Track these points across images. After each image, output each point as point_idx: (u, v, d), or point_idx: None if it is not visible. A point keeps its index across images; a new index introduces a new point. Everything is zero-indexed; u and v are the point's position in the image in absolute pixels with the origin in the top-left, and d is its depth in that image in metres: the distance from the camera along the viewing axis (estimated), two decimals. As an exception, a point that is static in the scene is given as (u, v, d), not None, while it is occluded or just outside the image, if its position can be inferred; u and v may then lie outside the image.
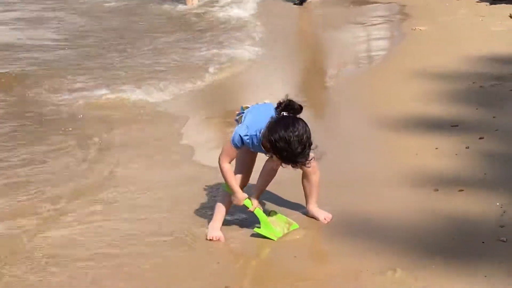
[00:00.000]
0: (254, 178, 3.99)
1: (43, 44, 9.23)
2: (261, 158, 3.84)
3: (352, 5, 10.26)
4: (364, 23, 9.13)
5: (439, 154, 4.74)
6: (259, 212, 3.86)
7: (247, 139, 3.63)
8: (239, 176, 3.85)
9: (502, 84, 6.09)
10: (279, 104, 3.47)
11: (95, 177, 5.15)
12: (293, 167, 3.55)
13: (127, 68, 8.01)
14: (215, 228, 3.85)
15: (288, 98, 3.51)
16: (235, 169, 3.87)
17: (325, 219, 3.88)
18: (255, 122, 3.61)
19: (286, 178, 4.00)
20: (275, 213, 3.94)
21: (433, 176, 4.36)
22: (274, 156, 3.50)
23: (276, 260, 3.75)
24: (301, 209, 4.04)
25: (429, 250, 3.45)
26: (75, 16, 11.37)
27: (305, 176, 3.89)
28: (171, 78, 7.49)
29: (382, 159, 4.92)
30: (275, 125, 3.41)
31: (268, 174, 3.90)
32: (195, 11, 10.97)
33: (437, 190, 4.10)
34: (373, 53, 8.04)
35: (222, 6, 11.32)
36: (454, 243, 3.45)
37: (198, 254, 3.74)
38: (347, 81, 7.41)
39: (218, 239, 3.80)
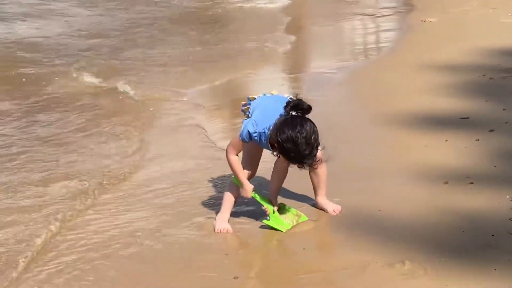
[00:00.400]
0: (259, 171, 4.03)
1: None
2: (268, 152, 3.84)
3: None
4: (373, 15, 9.12)
5: (449, 146, 4.74)
6: (267, 203, 3.88)
7: (255, 136, 3.64)
8: (246, 168, 3.86)
9: (509, 76, 6.13)
10: (288, 103, 3.47)
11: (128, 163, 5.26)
12: (299, 167, 3.55)
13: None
14: (223, 220, 3.87)
15: (297, 97, 3.52)
16: (242, 161, 3.89)
17: (334, 211, 3.89)
18: (264, 119, 3.61)
19: (294, 170, 3.87)
20: (284, 205, 3.94)
21: (442, 169, 4.36)
22: (281, 156, 3.53)
23: (285, 251, 3.79)
24: (310, 201, 4.04)
25: (439, 242, 3.45)
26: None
27: (312, 169, 3.88)
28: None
29: (391, 152, 4.93)
30: (283, 125, 3.41)
31: (280, 174, 3.92)
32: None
33: (447, 183, 4.09)
34: (383, 45, 8.12)
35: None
36: (464, 236, 3.45)
37: (207, 245, 3.74)
38: (356, 73, 7.35)
39: (226, 231, 3.81)
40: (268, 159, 3.96)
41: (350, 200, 4.03)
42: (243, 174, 3.81)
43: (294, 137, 3.33)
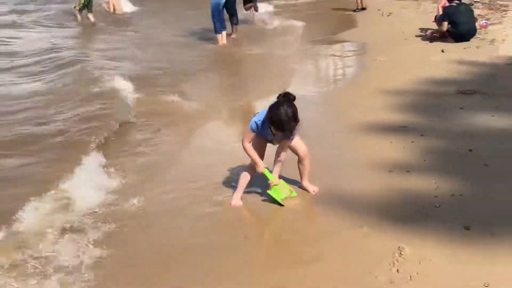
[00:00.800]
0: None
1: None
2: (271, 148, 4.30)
3: (326, 43, 10.39)
4: (339, 56, 9.38)
5: (393, 146, 5.15)
6: (272, 178, 4.25)
7: (259, 122, 4.09)
8: (253, 150, 4.21)
9: (438, 99, 6.44)
10: (279, 95, 3.95)
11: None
12: (283, 137, 4.04)
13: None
14: (237, 197, 4.31)
15: (285, 91, 3.99)
16: (250, 146, 4.21)
17: (313, 191, 4.38)
18: (262, 113, 4.09)
19: (287, 162, 4.37)
20: (283, 182, 4.35)
21: (388, 161, 4.80)
22: (273, 130, 3.96)
23: (280, 220, 4.19)
24: (297, 183, 4.48)
25: (387, 212, 3.94)
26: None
27: (300, 161, 4.34)
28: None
29: (353, 151, 5.24)
30: (273, 105, 3.94)
31: (280, 153, 4.26)
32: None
33: (391, 171, 4.60)
34: (348, 76, 8.28)
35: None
36: (404, 208, 3.98)
37: (223, 215, 4.22)
38: (330, 96, 7.65)
39: (239, 206, 4.26)
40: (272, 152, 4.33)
41: (325, 183, 4.48)
42: (257, 155, 4.19)
43: (278, 111, 3.85)
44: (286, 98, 3.95)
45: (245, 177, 4.35)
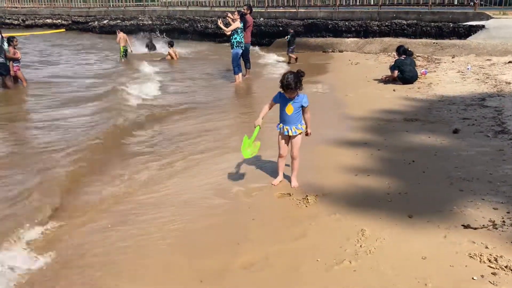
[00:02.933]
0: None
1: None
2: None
3: (310, 83, 9.56)
4: (321, 92, 9.22)
5: (358, 156, 5.11)
6: (254, 136, 4.25)
7: (278, 94, 4.20)
8: (265, 111, 4.33)
9: (390, 124, 6.41)
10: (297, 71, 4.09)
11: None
12: (285, 91, 4.05)
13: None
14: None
15: (299, 71, 4.10)
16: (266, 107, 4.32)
17: (294, 186, 4.31)
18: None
19: (288, 161, 4.42)
20: (257, 144, 4.28)
21: (354, 167, 4.77)
22: (282, 90, 4.08)
23: (276, 208, 4.05)
24: (288, 178, 4.45)
25: (353, 203, 3.91)
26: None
27: (291, 158, 4.32)
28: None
29: (329, 159, 5.10)
30: (284, 73, 4.10)
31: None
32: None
33: (357, 175, 4.55)
34: (326, 106, 7.88)
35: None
36: (365, 200, 3.95)
37: (237, 203, 4.13)
38: (313, 121, 7.63)
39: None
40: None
41: (308, 182, 4.41)
42: (262, 114, 4.30)
43: (285, 75, 4.03)
44: (293, 72, 4.10)
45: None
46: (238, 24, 10.49)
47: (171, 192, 4.46)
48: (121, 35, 15.67)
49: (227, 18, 11.16)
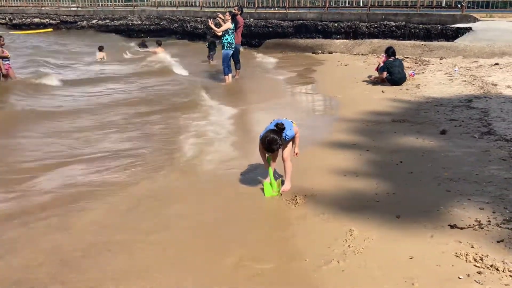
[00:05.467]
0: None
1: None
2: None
3: (301, 84, 10.19)
4: (311, 93, 9.23)
5: (346, 157, 5.15)
6: (271, 177, 4.26)
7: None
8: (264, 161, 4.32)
9: (378, 125, 6.44)
10: (276, 123, 4.08)
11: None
12: (268, 151, 4.07)
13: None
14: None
15: (279, 122, 4.09)
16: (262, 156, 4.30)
17: (284, 189, 4.22)
18: (265, 130, 4.16)
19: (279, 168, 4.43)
20: (280, 180, 4.27)
21: (342, 168, 4.79)
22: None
23: (271, 210, 4.05)
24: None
25: (342, 203, 3.91)
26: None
27: (284, 164, 4.32)
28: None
29: (318, 160, 5.13)
30: (265, 132, 4.09)
31: (275, 159, 4.32)
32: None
33: (345, 175, 4.58)
34: (317, 108, 8.09)
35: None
36: (354, 201, 3.96)
37: (242, 201, 4.16)
38: (300, 120, 7.47)
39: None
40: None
41: (297, 183, 4.37)
42: (263, 159, 4.33)
43: (266, 138, 3.99)
44: (274, 130, 4.04)
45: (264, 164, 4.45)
46: (229, 24, 10.48)
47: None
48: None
49: (218, 18, 11.15)
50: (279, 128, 4.06)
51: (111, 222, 3.84)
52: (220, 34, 10.56)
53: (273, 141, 3.98)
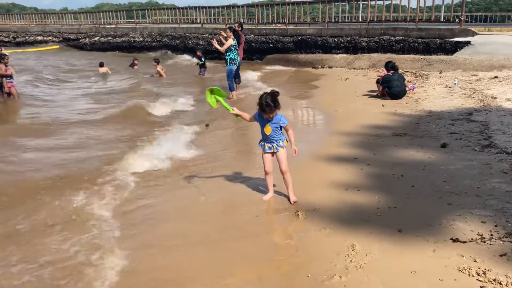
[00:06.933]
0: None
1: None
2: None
3: (301, 98, 10.28)
4: (311, 107, 9.22)
5: (348, 171, 5.12)
6: (224, 103, 4.48)
7: (257, 114, 4.30)
8: (244, 115, 4.46)
9: (379, 139, 6.44)
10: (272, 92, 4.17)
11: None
12: (264, 111, 4.14)
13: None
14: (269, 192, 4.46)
15: (273, 91, 4.19)
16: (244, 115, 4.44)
17: (293, 201, 4.30)
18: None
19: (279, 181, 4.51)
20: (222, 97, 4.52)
21: (344, 182, 4.77)
22: (260, 111, 4.17)
23: (276, 218, 4.11)
24: (279, 193, 4.53)
25: (344, 218, 3.89)
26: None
27: (282, 174, 4.35)
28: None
29: (320, 174, 5.10)
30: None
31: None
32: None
33: (347, 189, 4.54)
34: (317, 121, 8.09)
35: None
36: (355, 215, 3.94)
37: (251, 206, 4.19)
38: (302, 134, 7.11)
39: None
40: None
41: (299, 197, 4.38)
42: (241, 113, 4.46)
43: (262, 97, 4.12)
44: (270, 92, 4.16)
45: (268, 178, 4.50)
46: (231, 41, 10.61)
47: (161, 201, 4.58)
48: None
49: (219, 36, 11.30)
50: (274, 91, 4.21)
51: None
52: (223, 51, 10.70)
53: (271, 97, 4.12)
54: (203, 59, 15.51)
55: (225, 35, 10.93)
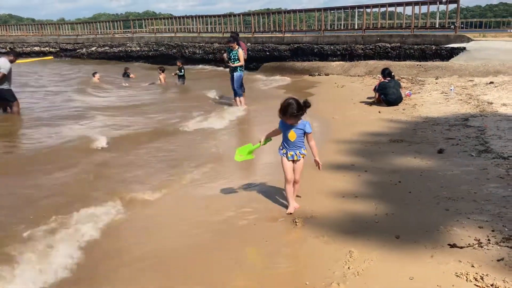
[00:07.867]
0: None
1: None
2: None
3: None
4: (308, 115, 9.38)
5: (345, 179, 5.15)
6: (256, 146, 4.46)
7: (281, 122, 4.22)
8: (270, 134, 4.40)
9: (376, 145, 6.46)
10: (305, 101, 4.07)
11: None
12: (284, 117, 4.09)
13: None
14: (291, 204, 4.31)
15: (305, 100, 4.10)
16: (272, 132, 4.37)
17: (294, 207, 4.28)
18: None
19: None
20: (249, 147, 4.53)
21: (342, 190, 4.78)
22: (281, 117, 4.09)
23: (272, 231, 3.96)
24: (279, 202, 4.52)
25: (341, 225, 3.89)
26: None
27: (294, 187, 4.33)
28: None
29: (317, 181, 5.09)
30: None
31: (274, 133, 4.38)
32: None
33: (344, 197, 4.57)
34: (314, 129, 8.14)
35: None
36: (353, 222, 3.93)
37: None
38: None
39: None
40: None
41: (299, 203, 4.40)
42: (267, 134, 4.41)
43: (285, 101, 4.03)
44: (296, 99, 4.05)
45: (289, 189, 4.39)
46: (241, 52, 10.66)
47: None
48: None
49: (223, 57, 11.46)
50: (303, 101, 4.09)
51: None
52: (240, 64, 10.67)
53: (295, 104, 4.00)
54: (183, 70, 15.48)
55: (233, 47, 10.73)
